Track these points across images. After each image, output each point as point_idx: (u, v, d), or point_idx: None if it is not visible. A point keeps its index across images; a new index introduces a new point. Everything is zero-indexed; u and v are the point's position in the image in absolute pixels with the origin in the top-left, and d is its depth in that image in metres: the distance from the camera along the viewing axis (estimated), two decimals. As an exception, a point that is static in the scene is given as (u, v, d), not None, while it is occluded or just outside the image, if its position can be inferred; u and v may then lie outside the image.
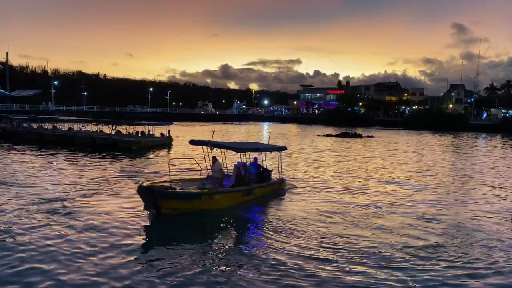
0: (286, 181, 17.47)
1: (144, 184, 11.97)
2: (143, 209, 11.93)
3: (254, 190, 14.40)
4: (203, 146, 15.22)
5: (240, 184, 14.20)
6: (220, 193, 13.21)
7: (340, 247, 10.01)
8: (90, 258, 8.78)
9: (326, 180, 19.89)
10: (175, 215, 11.76)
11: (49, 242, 9.68)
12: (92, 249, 9.33)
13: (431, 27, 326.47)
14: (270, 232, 11.09)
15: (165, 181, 12.99)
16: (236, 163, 15.89)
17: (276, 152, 17.72)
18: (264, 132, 67.94)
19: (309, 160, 27.95)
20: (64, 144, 32.67)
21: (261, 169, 16.19)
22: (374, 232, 11.30)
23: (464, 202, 15.73)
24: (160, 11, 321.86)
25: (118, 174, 19.62)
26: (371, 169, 24.44)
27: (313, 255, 9.41)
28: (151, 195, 11.40)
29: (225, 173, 15.38)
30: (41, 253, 8.99)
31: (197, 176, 14.92)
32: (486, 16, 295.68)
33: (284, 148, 18.39)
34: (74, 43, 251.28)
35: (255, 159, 16.58)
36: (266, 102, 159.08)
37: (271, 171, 16.61)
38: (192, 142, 15.38)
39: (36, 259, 8.69)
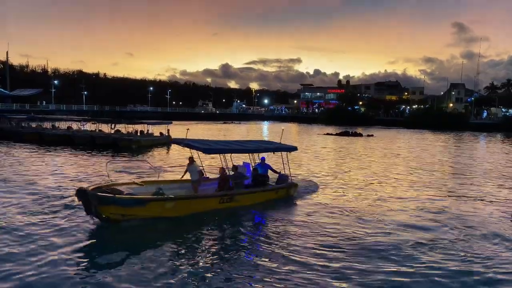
0: (297, 186, 15.44)
1: (91, 187, 10.80)
2: (86, 213, 10.75)
3: (237, 196, 12.70)
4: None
5: (223, 189, 12.74)
6: (178, 200, 11.41)
7: (341, 244, 9.97)
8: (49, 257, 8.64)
9: (326, 178, 19.82)
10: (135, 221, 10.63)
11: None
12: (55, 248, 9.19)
13: (431, 26, 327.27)
14: (264, 238, 10.50)
15: (123, 184, 12.02)
16: (242, 164, 15.00)
17: (284, 152, 15.63)
18: (264, 131, 67.86)
19: (310, 159, 27.88)
20: (63, 143, 32.66)
21: (258, 172, 14.33)
22: (378, 230, 11.28)
23: (466, 199, 15.73)
24: (160, 11, 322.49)
25: (117, 172, 19.55)
26: (371, 167, 24.38)
27: (303, 257, 9.25)
28: (87, 199, 10.27)
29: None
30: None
31: (177, 178, 13.95)
32: (486, 15, 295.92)
33: (292, 148, 15.96)
34: (75, 42, 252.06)
35: (263, 159, 14.97)
36: (266, 101, 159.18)
37: (279, 173, 15.16)
38: (174, 141, 14.69)
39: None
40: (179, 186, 13.06)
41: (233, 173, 13.82)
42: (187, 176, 13.24)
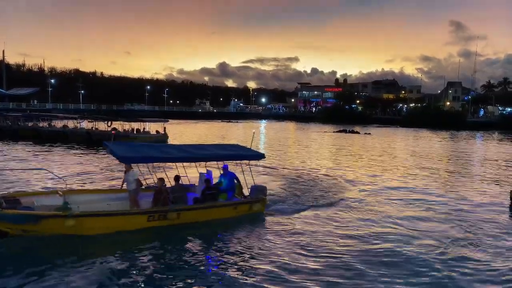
0: (266, 201, 12.32)
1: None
2: None
3: (172, 213, 10.39)
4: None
5: (158, 203, 10.66)
6: (82, 217, 9.43)
7: (333, 242, 9.96)
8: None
9: (323, 177, 19.82)
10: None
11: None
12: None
13: (429, 24, 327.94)
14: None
15: (41, 194, 10.72)
16: (204, 173, 12.57)
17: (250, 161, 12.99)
18: (262, 130, 67.80)
19: (308, 157, 27.91)
20: (60, 140, 32.67)
21: (209, 183, 11.87)
22: (378, 226, 11.27)
23: (464, 194, 15.80)
24: (159, 10, 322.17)
25: (115, 169, 19.54)
26: (369, 164, 24.40)
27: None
28: None
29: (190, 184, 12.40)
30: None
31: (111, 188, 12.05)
32: (484, 14, 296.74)
33: (258, 156, 12.89)
34: (72, 41, 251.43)
35: (224, 167, 12.48)
36: (263, 100, 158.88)
37: (237, 184, 12.50)
38: (103, 144, 12.21)
39: None
40: (116, 197, 11.21)
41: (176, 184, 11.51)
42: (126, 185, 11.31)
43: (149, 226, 10.16)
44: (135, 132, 36.09)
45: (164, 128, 38.04)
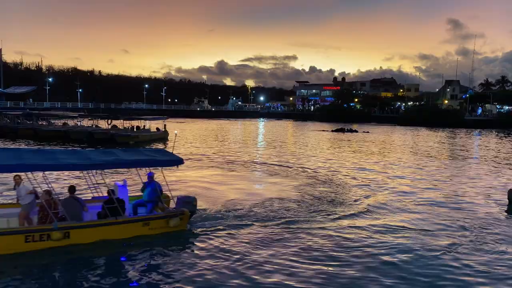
0: (188, 215, 10.15)
1: None
2: None
3: (59, 232, 8.48)
4: None
5: (45, 221, 8.98)
6: None
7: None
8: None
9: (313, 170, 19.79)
10: None
11: None
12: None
13: (427, 22, 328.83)
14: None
15: None
16: (116, 183, 10.80)
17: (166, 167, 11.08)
18: (260, 128, 67.71)
19: (303, 156, 27.92)
20: (59, 139, 32.53)
21: (115, 196, 9.76)
22: (374, 223, 11.30)
23: (461, 192, 15.87)
24: (156, 7, 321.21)
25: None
26: (367, 164, 24.46)
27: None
28: None
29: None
30: None
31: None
32: (482, 12, 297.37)
33: (173, 162, 10.66)
34: (70, 39, 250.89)
35: (149, 175, 10.57)
36: (262, 98, 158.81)
37: (157, 195, 10.33)
38: None
39: None
40: (3, 213, 9.43)
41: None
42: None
43: (29, 250, 8.25)
44: (135, 130, 36.04)
45: (165, 125, 38.05)
